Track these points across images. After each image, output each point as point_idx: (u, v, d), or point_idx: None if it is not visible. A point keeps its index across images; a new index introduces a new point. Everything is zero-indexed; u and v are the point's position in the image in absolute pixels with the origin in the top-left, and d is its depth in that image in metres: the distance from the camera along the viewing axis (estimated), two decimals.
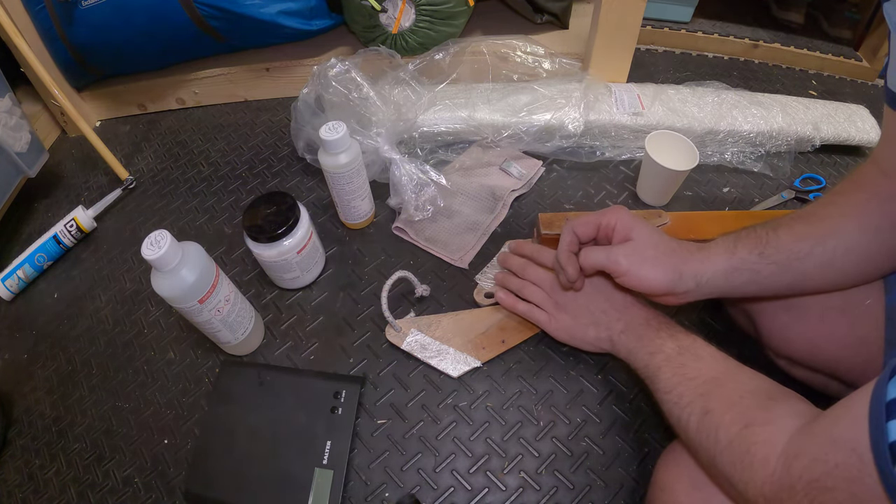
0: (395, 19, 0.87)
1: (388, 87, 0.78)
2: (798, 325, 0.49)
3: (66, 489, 0.58)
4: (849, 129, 0.81)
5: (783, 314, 0.49)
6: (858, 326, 0.46)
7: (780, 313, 0.50)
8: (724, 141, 0.81)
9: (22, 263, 0.75)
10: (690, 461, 0.41)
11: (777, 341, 0.50)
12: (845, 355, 0.46)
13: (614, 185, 0.80)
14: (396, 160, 0.72)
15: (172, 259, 0.50)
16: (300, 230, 0.63)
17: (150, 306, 0.72)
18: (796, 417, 0.34)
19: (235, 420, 0.58)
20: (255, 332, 0.64)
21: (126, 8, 0.82)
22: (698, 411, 0.39)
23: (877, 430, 0.26)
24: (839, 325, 0.47)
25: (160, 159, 0.94)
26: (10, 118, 0.78)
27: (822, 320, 0.47)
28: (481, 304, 0.66)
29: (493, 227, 0.75)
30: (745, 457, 0.34)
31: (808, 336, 0.48)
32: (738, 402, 0.38)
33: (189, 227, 0.82)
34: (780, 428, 0.34)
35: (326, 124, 0.64)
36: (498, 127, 0.79)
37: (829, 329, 0.47)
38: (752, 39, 1.04)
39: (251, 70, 0.98)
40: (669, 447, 0.45)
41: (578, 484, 0.54)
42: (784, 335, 0.50)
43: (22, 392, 0.67)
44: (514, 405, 0.59)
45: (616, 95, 0.83)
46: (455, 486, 0.55)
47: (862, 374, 0.45)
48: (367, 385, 0.62)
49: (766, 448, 0.33)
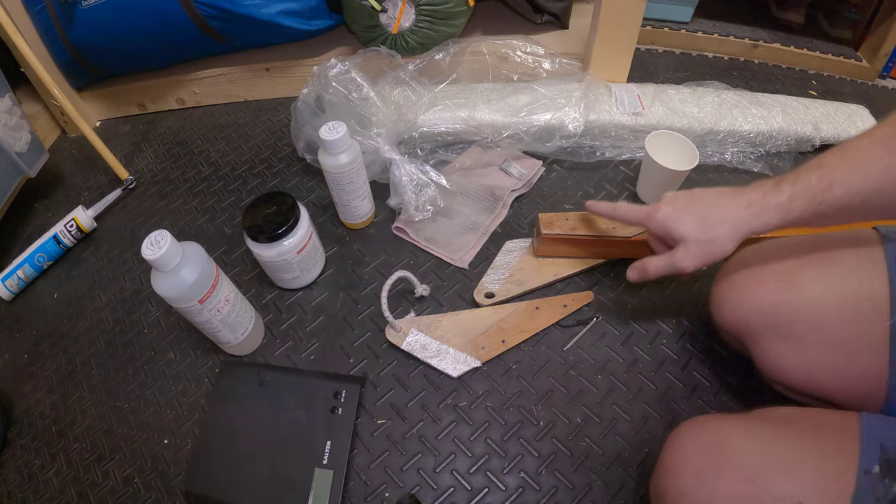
0: (395, 19, 0.87)
1: (388, 88, 0.78)
2: (794, 357, 0.47)
3: (66, 489, 0.58)
4: (849, 129, 0.81)
5: (778, 345, 0.48)
6: (858, 359, 0.44)
7: (776, 344, 0.48)
8: (724, 141, 0.81)
9: (22, 263, 0.75)
10: (698, 446, 0.40)
11: (772, 371, 0.49)
12: (843, 386, 0.45)
13: (614, 185, 0.80)
14: (396, 160, 0.72)
15: (172, 259, 0.50)
16: (300, 230, 0.63)
17: (150, 306, 0.72)
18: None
19: (235, 420, 0.58)
20: (255, 332, 0.64)
21: (126, 8, 0.82)
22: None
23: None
24: (837, 357, 0.45)
25: (160, 159, 0.94)
26: (10, 118, 0.78)
27: (819, 352, 0.46)
28: (481, 304, 0.66)
29: (493, 227, 0.75)
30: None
31: (805, 367, 0.47)
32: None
33: (189, 227, 0.82)
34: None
35: (326, 124, 0.64)
36: (498, 127, 0.79)
37: (828, 360, 0.45)
38: (752, 39, 1.04)
39: (251, 70, 0.98)
40: (677, 430, 0.43)
41: (578, 484, 0.54)
42: (779, 366, 0.48)
43: (22, 392, 0.67)
44: (514, 405, 0.59)
45: (616, 95, 0.83)
46: (455, 486, 0.55)
47: (861, 406, 0.44)
48: (367, 385, 0.62)
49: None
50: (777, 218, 0.44)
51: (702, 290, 0.53)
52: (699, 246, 0.48)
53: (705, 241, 0.47)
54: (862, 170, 0.41)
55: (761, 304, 0.48)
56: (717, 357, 0.61)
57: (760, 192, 0.45)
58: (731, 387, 0.59)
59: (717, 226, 0.47)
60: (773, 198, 0.44)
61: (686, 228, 0.48)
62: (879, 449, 0.35)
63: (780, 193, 0.44)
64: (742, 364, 0.57)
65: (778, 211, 0.44)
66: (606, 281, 0.69)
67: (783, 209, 0.43)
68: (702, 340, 0.63)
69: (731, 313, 0.51)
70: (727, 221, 0.46)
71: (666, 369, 0.61)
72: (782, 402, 0.52)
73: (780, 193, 0.44)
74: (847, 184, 0.41)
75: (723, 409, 0.57)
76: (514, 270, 0.69)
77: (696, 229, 0.48)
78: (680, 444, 0.42)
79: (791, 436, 0.38)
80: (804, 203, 0.43)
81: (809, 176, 0.43)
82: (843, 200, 0.41)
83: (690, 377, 0.60)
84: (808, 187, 0.43)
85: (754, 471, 0.36)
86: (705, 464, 0.39)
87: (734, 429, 0.40)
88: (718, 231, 0.46)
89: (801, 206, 0.43)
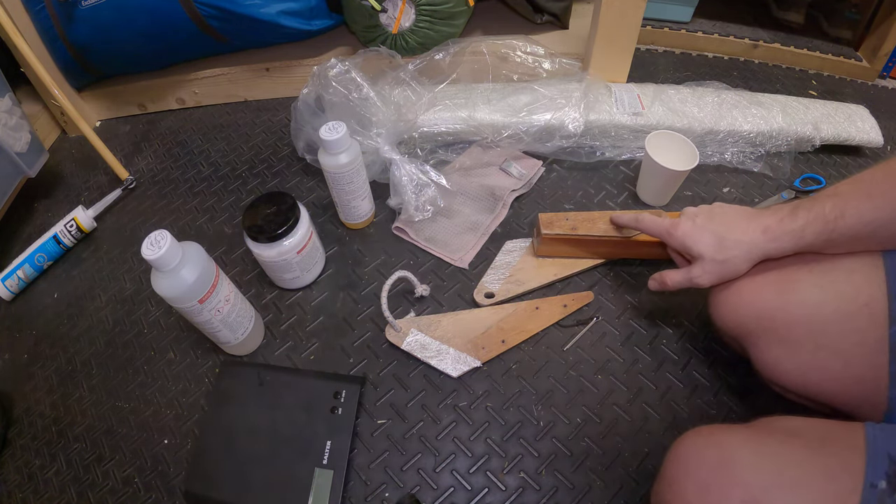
0: (395, 19, 0.87)
1: (388, 88, 0.78)
2: (791, 359, 0.47)
3: (66, 489, 0.58)
4: (849, 129, 0.81)
5: (776, 348, 0.48)
6: (853, 365, 0.44)
7: (773, 347, 0.48)
8: (724, 141, 0.81)
9: (22, 263, 0.75)
10: (701, 461, 0.39)
11: (769, 373, 0.49)
12: (839, 390, 0.46)
13: (614, 185, 0.80)
14: (396, 160, 0.72)
15: (172, 259, 0.50)
16: (300, 230, 0.63)
17: (150, 306, 0.72)
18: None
19: (235, 420, 0.58)
20: (255, 332, 0.64)
21: (126, 8, 0.82)
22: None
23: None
24: (832, 362, 0.45)
25: (160, 159, 0.94)
26: (10, 118, 0.78)
27: (815, 357, 0.46)
28: (481, 304, 0.66)
29: (493, 227, 0.75)
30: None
31: (802, 370, 0.47)
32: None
33: (189, 227, 0.82)
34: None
35: (326, 124, 0.64)
36: (498, 127, 0.79)
37: (823, 365, 0.46)
38: (752, 39, 1.04)
39: (251, 70, 0.98)
40: (680, 441, 0.43)
41: (578, 484, 0.54)
42: (776, 368, 0.49)
43: (22, 392, 0.67)
44: (514, 405, 0.59)
45: (616, 95, 0.83)
46: (455, 486, 0.55)
47: (857, 409, 0.45)
48: (367, 385, 0.62)
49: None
50: (791, 244, 0.46)
51: (701, 291, 0.53)
52: (715, 265, 0.50)
53: (720, 261, 0.50)
54: (874, 200, 0.43)
55: (759, 308, 0.49)
56: (717, 357, 0.61)
57: (777, 217, 0.47)
58: (731, 387, 0.59)
59: (733, 247, 0.49)
60: (788, 224, 0.46)
61: (703, 247, 0.50)
62: (887, 460, 0.34)
63: (796, 220, 0.46)
64: (742, 364, 0.57)
65: (792, 237, 0.46)
66: (606, 281, 0.69)
67: (797, 235, 0.45)
68: (702, 341, 0.63)
69: (729, 316, 0.51)
70: (744, 244, 0.48)
71: (666, 369, 0.61)
72: (783, 403, 0.52)
73: (796, 220, 0.46)
74: (859, 213, 0.43)
75: (723, 409, 0.58)
76: (514, 270, 0.69)
77: (713, 249, 0.50)
78: (683, 456, 0.41)
79: (797, 451, 0.38)
80: (817, 230, 0.44)
81: (824, 204, 0.45)
82: (855, 229, 0.43)
83: (690, 377, 0.60)
84: (821, 215, 0.44)
85: (759, 490, 0.35)
86: (709, 480, 0.38)
87: (738, 443, 0.39)
88: (734, 252, 0.49)
89: (814, 232, 0.45)
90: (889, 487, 0.33)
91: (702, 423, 0.56)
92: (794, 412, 0.51)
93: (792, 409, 0.52)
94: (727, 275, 0.50)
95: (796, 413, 0.43)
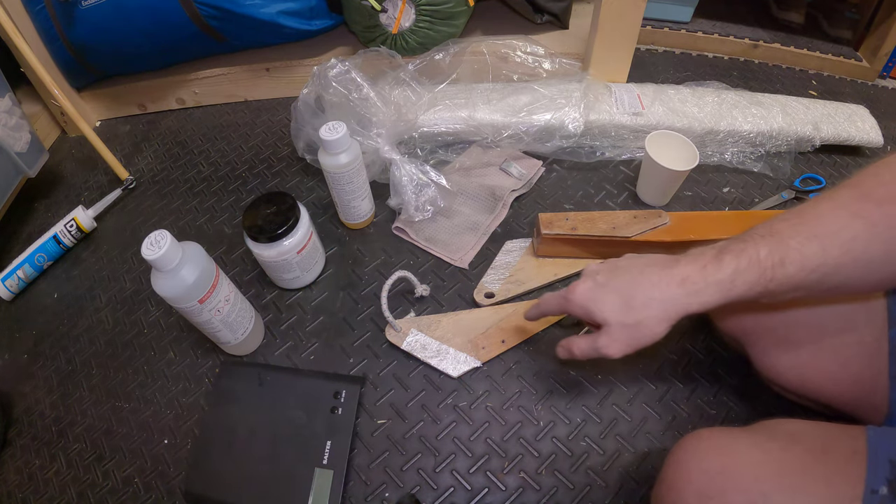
0: (395, 19, 0.87)
1: (388, 88, 0.78)
2: (789, 360, 0.47)
3: (66, 489, 0.58)
4: (849, 129, 0.81)
5: (774, 348, 0.48)
6: (851, 365, 0.44)
7: (772, 347, 0.48)
8: (724, 141, 0.81)
9: (22, 263, 0.75)
10: (702, 467, 0.38)
11: (768, 373, 0.49)
12: (837, 391, 0.45)
13: (614, 185, 0.80)
14: (396, 160, 0.72)
15: (172, 259, 0.50)
16: (300, 230, 0.63)
17: (150, 306, 0.72)
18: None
19: (235, 420, 0.58)
20: (255, 332, 0.64)
21: (126, 8, 0.82)
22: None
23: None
24: (830, 363, 0.45)
25: (160, 159, 0.94)
26: (10, 118, 0.78)
27: (814, 357, 0.46)
28: (481, 304, 0.66)
29: (493, 227, 0.75)
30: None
31: (799, 371, 0.47)
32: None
33: (189, 227, 0.82)
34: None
35: (326, 124, 0.64)
36: (498, 127, 0.79)
37: (821, 365, 0.46)
38: (752, 39, 1.04)
39: (251, 70, 0.98)
40: (680, 445, 0.42)
41: (578, 484, 0.54)
42: (775, 368, 0.48)
43: (22, 392, 0.67)
44: (514, 405, 0.59)
45: (616, 95, 0.83)
46: (455, 486, 0.55)
47: (857, 410, 0.45)
48: (367, 385, 0.62)
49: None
50: (718, 296, 0.38)
51: None
52: (624, 330, 0.42)
53: (631, 325, 0.42)
54: (821, 240, 0.36)
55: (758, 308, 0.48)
56: (717, 357, 0.61)
57: (698, 264, 0.39)
58: (731, 387, 0.59)
59: (644, 307, 0.41)
60: (713, 273, 0.38)
61: (607, 311, 0.43)
62: (888, 465, 0.34)
63: (722, 268, 0.38)
64: (742, 364, 0.57)
65: (719, 288, 0.38)
66: None
67: (724, 287, 0.38)
68: (702, 341, 0.63)
69: (728, 316, 0.51)
70: (656, 301, 0.40)
71: (666, 369, 0.61)
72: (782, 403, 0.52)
73: (722, 268, 0.38)
74: (802, 258, 0.36)
75: (723, 409, 0.57)
76: (514, 270, 0.69)
77: (619, 312, 0.42)
78: (683, 461, 0.40)
79: (798, 457, 0.37)
80: (750, 280, 0.37)
81: (758, 247, 0.37)
82: (797, 278, 0.36)
83: (690, 377, 0.60)
84: (755, 261, 0.37)
85: (760, 497, 0.35)
86: (709, 487, 0.37)
87: (739, 449, 0.39)
88: (646, 313, 0.41)
89: (747, 283, 0.37)
90: (890, 493, 0.33)
91: (702, 423, 0.57)
92: (794, 412, 0.51)
93: (792, 409, 0.52)
94: (642, 340, 0.42)
95: (796, 414, 0.43)
